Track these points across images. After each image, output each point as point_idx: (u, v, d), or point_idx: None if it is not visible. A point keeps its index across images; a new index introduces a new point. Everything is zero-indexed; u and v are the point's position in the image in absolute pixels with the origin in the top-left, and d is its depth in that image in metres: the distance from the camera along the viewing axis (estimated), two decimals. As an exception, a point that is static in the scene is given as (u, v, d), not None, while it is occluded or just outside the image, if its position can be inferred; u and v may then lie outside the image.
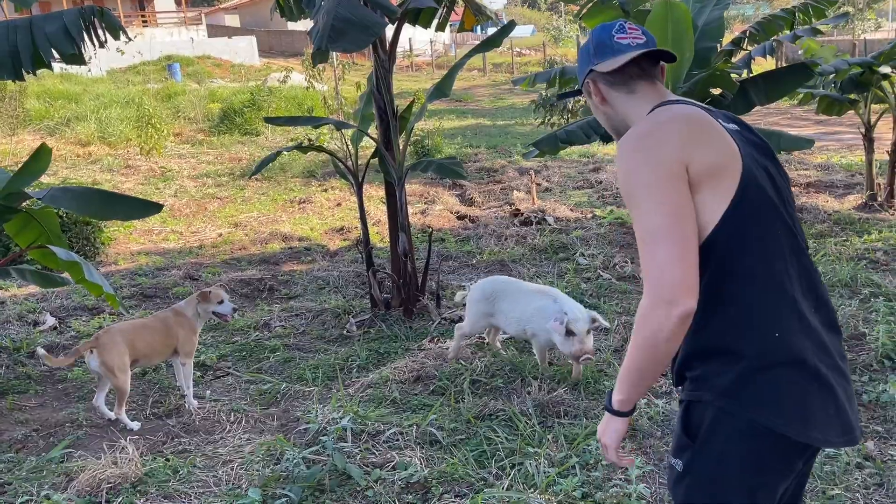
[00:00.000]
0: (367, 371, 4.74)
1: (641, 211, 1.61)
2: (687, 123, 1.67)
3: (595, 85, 1.86)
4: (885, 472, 3.27)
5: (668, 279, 1.54)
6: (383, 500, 3.24)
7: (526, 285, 4.61)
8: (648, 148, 1.64)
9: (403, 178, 5.49)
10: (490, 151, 14.26)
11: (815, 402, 1.61)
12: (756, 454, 1.63)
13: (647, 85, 1.82)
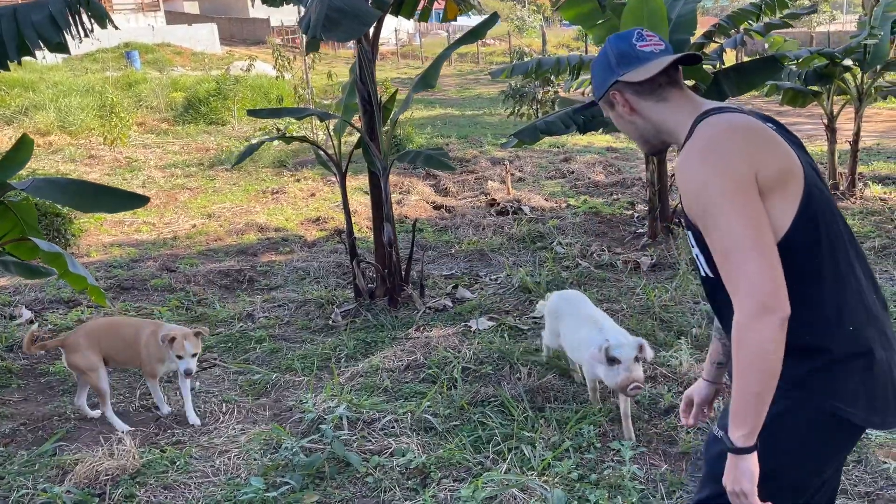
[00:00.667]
0: (355, 360, 4.77)
1: (721, 223, 1.60)
2: (749, 132, 1.68)
3: (622, 95, 1.86)
4: (863, 450, 3.42)
5: (765, 289, 1.54)
6: (383, 485, 3.29)
7: (583, 309, 4.07)
8: (718, 158, 1.64)
9: (388, 169, 5.51)
10: (461, 142, 14.31)
11: (878, 389, 1.68)
12: (820, 441, 1.70)
13: (676, 92, 1.84)
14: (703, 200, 1.63)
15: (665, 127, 1.85)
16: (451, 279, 6.42)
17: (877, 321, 1.72)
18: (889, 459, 3.32)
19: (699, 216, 1.67)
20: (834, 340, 1.66)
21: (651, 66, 1.80)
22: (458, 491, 3.19)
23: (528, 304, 5.62)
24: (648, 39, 1.85)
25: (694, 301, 5.38)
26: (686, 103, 1.83)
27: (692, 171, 1.67)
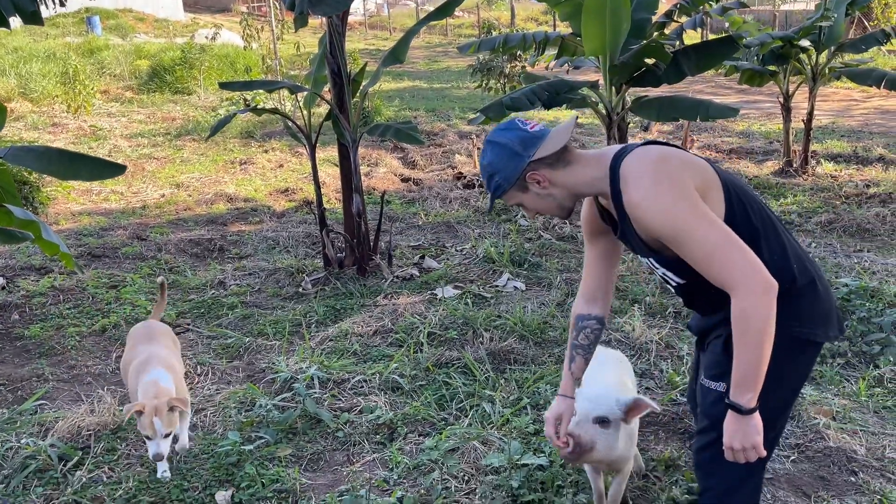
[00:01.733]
0: (325, 326, 4.95)
1: (695, 235, 1.84)
2: (671, 157, 1.96)
3: (538, 173, 2.02)
4: (797, 406, 3.72)
5: (756, 275, 1.81)
6: (353, 440, 3.51)
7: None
8: (668, 184, 1.88)
9: (358, 141, 5.66)
10: (429, 115, 14.42)
11: (826, 309, 2.05)
12: (796, 363, 2.02)
13: (571, 153, 2.04)
14: (672, 223, 1.86)
15: (580, 188, 2.05)
16: (419, 249, 6.61)
17: (808, 258, 2.07)
18: (819, 415, 3.63)
19: (671, 238, 1.89)
20: (787, 278, 1.96)
21: (553, 139, 2.01)
22: (423, 444, 3.42)
23: (492, 274, 5.84)
24: (529, 122, 2.07)
25: (648, 271, 5.65)
26: (589, 160, 2.05)
27: (653, 206, 1.88)
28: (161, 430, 2.93)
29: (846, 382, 3.97)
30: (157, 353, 3.35)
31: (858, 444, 3.34)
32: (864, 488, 3.05)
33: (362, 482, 3.12)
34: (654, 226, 1.89)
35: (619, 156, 1.99)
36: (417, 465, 3.25)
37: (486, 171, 2.08)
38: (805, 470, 3.21)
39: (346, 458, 3.38)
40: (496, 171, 2.05)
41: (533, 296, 5.34)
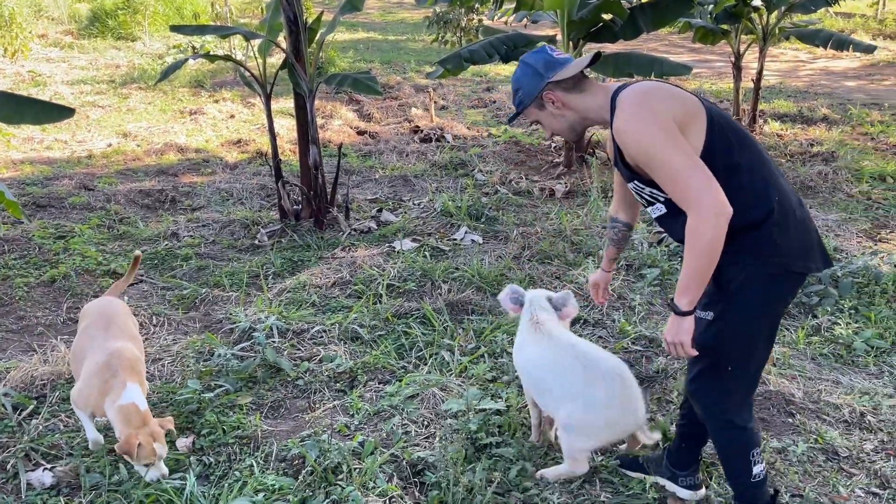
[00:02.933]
0: (282, 278, 4.94)
1: (663, 158, 2.04)
2: (656, 90, 2.16)
3: (553, 94, 2.27)
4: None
5: (710, 197, 1.99)
6: (313, 387, 3.55)
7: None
8: (645, 114, 2.09)
9: (314, 91, 5.57)
10: (384, 67, 14.21)
11: (807, 241, 2.19)
12: (778, 291, 2.20)
13: (588, 83, 2.29)
14: (645, 148, 2.08)
15: (589, 113, 2.28)
16: (376, 203, 6.60)
17: (790, 190, 2.22)
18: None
19: (644, 161, 2.10)
20: (765, 208, 2.13)
21: (573, 66, 2.26)
22: (383, 391, 3.48)
23: (449, 228, 5.88)
24: (556, 50, 2.32)
25: (602, 225, 5.77)
26: (599, 89, 2.28)
27: (632, 131, 2.10)
28: (163, 453, 2.74)
29: (786, 331, 4.16)
30: (119, 354, 2.91)
31: (796, 389, 3.53)
32: (801, 429, 3.23)
33: (324, 428, 3.17)
34: (632, 149, 2.12)
35: (619, 88, 2.21)
36: (378, 412, 3.31)
37: (513, 88, 2.35)
38: (747, 412, 3.38)
39: (307, 405, 3.42)
40: (520, 87, 2.32)
41: (490, 249, 5.41)
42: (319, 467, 2.79)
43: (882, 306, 4.32)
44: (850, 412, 3.31)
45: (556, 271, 4.94)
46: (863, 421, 3.27)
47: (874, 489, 2.84)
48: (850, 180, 6.96)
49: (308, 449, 2.90)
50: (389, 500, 2.66)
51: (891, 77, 14.08)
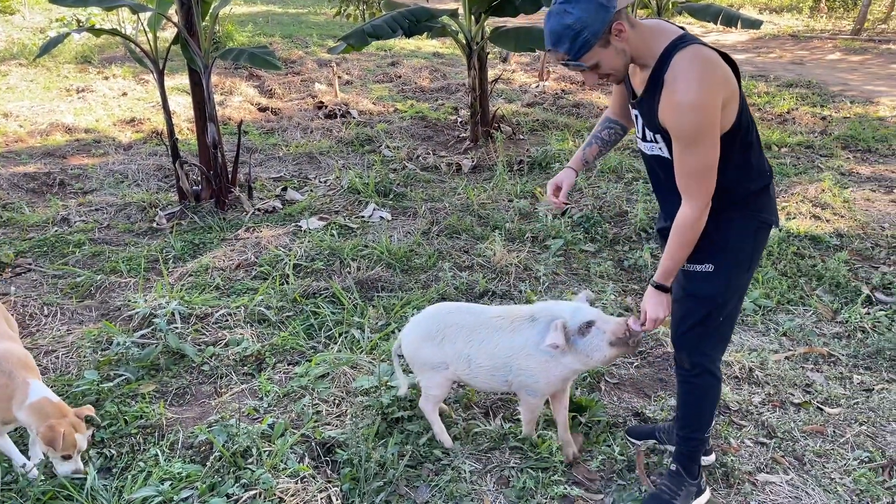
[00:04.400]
0: (184, 261, 4.78)
1: (700, 150, 2.10)
2: (717, 67, 2.09)
3: (622, 24, 2.06)
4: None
5: (708, 199, 2.18)
6: (220, 372, 3.47)
7: (482, 313, 2.82)
8: (708, 95, 2.04)
9: (210, 67, 5.36)
10: (285, 41, 13.84)
11: (774, 202, 2.41)
12: (762, 241, 2.39)
13: (630, 16, 2.13)
14: (692, 132, 2.08)
15: (638, 52, 2.14)
16: (280, 181, 6.46)
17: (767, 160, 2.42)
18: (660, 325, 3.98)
19: (682, 139, 2.11)
20: (762, 181, 2.33)
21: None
22: (292, 372, 3.44)
23: (357, 205, 5.83)
24: None
25: (508, 199, 5.86)
26: (644, 27, 2.14)
27: (689, 112, 2.05)
28: (83, 446, 2.60)
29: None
30: (6, 356, 2.68)
31: (692, 349, 3.71)
32: (696, 386, 3.41)
33: (231, 412, 3.11)
34: (678, 124, 2.10)
35: (674, 46, 2.10)
36: (288, 393, 3.27)
37: (573, 30, 2.05)
38: (647, 374, 3.54)
39: (214, 390, 3.34)
40: (585, 27, 2.04)
41: (399, 225, 5.40)
42: (228, 452, 2.74)
43: (768, 268, 4.59)
44: (740, 368, 3.52)
45: (465, 245, 4.99)
46: (751, 376, 3.48)
47: (762, 439, 3.04)
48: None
49: (215, 434, 2.84)
50: (301, 480, 2.65)
51: (776, 50, 14.87)
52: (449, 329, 2.78)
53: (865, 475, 2.80)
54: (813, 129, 8.15)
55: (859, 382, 3.48)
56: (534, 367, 2.65)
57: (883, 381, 3.49)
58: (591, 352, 2.56)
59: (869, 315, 4.08)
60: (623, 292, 4.39)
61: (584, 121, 8.61)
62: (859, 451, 2.95)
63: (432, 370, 2.83)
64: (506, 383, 2.75)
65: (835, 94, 10.14)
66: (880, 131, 7.91)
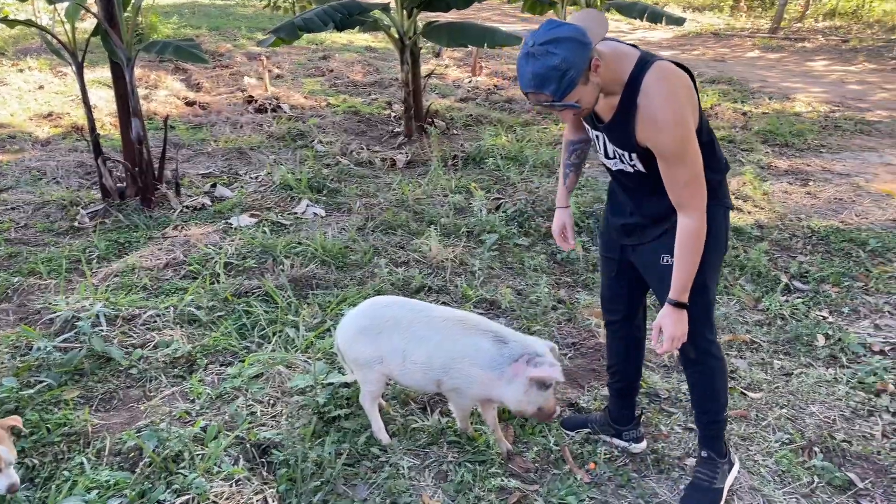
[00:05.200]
0: (108, 261, 4.61)
1: (687, 161, 2.18)
2: (686, 82, 2.20)
3: (598, 59, 2.08)
4: (573, 310, 4.14)
5: (704, 206, 2.25)
6: (148, 375, 3.36)
7: (430, 311, 2.83)
8: (681, 111, 2.14)
9: (133, 59, 5.18)
10: (213, 34, 13.49)
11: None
12: (728, 224, 2.51)
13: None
14: (676, 148, 2.17)
15: (608, 81, 2.17)
16: (209, 177, 6.30)
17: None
18: (592, 317, 4.07)
19: (666, 156, 2.19)
20: (725, 166, 2.47)
21: (597, 25, 2.15)
22: (225, 373, 3.37)
23: (290, 201, 5.74)
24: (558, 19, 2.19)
25: (443, 194, 5.87)
26: (610, 55, 2.16)
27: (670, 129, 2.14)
28: (10, 458, 2.44)
29: (614, 287, 4.47)
30: None
31: (623, 339, 3.80)
32: (627, 375, 3.50)
33: (162, 416, 3.02)
34: (662, 143, 2.17)
35: (639, 69, 2.16)
36: (220, 395, 3.20)
37: (559, 71, 2.03)
38: (580, 364, 3.61)
39: (143, 394, 3.23)
40: (570, 66, 2.03)
41: (333, 221, 5.35)
42: (158, 457, 2.66)
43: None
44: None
45: (400, 241, 4.98)
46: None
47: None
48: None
49: (145, 439, 2.75)
50: (236, 482, 2.60)
51: (699, 47, 15.37)
52: (386, 323, 2.76)
53: (786, 456, 2.93)
54: (734, 125, 8.46)
55: (780, 367, 3.64)
56: (476, 376, 2.66)
57: (801, 365, 3.66)
58: (529, 399, 2.62)
59: (788, 302, 4.27)
60: (556, 285, 4.46)
61: (516, 116, 8.70)
62: (780, 434, 3.09)
63: (367, 365, 2.80)
64: (435, 383, 2.75)
65: (754, 91, 10.55)
66: (796, 126, 8.28)
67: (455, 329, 2.70)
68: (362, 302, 2.98)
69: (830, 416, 3.22)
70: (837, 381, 3.48)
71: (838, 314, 4.16)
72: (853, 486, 2.79)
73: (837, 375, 3.53)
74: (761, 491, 2.76)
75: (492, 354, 2.64)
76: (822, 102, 9.77)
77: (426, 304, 2.87)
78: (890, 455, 2.95)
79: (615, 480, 2.78)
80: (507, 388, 2.62)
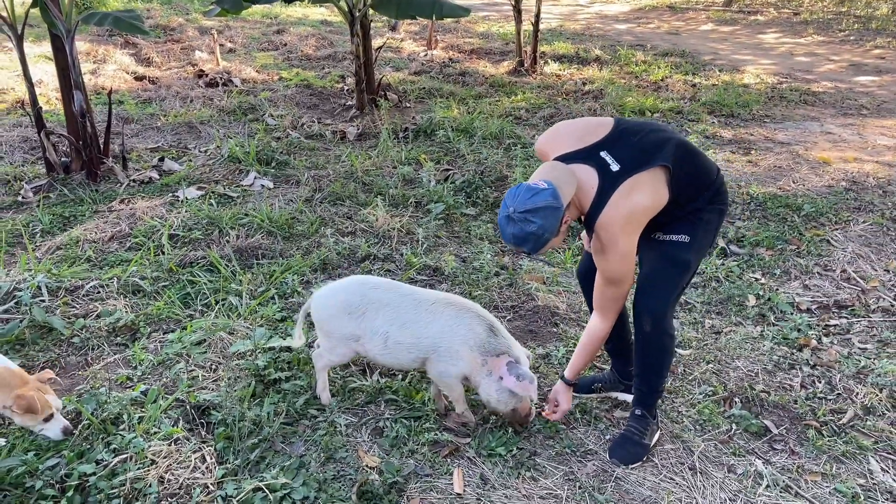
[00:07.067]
0: (52, 235, 4.59)
1: (622, 284, 2.57)
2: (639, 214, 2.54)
3: (567, 215, 2.45)
4: (514, 276, 4.25)
5: (616, 314, 2.73)
6: (91, 344, 3.39)
7: (409, 293, 2.89)
8: (627, 244, 2.50)
9: (73, 31, 5.11)
10: (164, 8, 13.24)
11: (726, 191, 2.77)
12: (717, 226, 2.72)
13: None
14: (619, 270, 2.54)
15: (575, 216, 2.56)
16: (158, 151, 6.26)
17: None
18: (532, 281, 4.18)
19: (608, 271, 2.55)
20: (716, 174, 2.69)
21: (566, 185, 2.43)
22: (167, 340, 3.41)
23: (238, 174, 5.74)
24: (532, 183, 2.45)
25: (392, 166, 5.92)
26: (578, 193, 2.50)
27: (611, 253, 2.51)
28: (59, 404, 2.59)
29: (557, 254, 4.59)
30: None
31: (561, 302, 3.93)
32: (563, 336, 3.63)
33: (102, 381, 3.06)
34: (603, 266, 2.54)
35: (597, 204, 2.47)
36: (162, 361, 3.25)
37: (535, 236, 2.37)
38: (518, 326, 3.73)
39: (84, 361, 3.26)
40: (545, 231, 2.37)
41: (281, 193, 5.37)
42: (97, 419, 2.71)
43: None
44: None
45: (348, 212, 5.03)
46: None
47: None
48: (614, 114, 7.67)
49: (84, 403, 2.79)
50: (174, 442, 2.66)
51: (655, 20, 15.52)
52: (371, 304, 2.81)
53: (708, 406, 3.08)
54: (683, 96, 8.62)
55: (710, 326, 3.79)
56: (464, 355, 2.75)
57: (731, 324, 3.82)
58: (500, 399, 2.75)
59: (723, 266, 4.43)
60: (501, 253, 4.56)
61: (469, 89, 8.75)
62: (705, 387, 3.24)
63: (341, 340, 2.85)
64: (419, 361, 2.82)
65: (705, 63, 10.73)
66: (743, 97, 8.47)
67: (448, 311, 2.79)
68: (347, 278, 3.02)
69: (753, 370, 3.39)
70: (763, 338, 3.65)
71: (770, 276, 4.34)
72: (769, 432, 2.96)
73: (764, 332, 3.70)
74: (681, 437, 2.91)
75: (483, 339, 2.75)
76: (771, 74, 9.99)
77: (412, 288, 2.92)
78: (805, 404, 3.12)
79: (544, 432, 2.90)
80: (484, 379, 2.76)
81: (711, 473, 2.72)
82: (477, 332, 2.76)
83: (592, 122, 2.67)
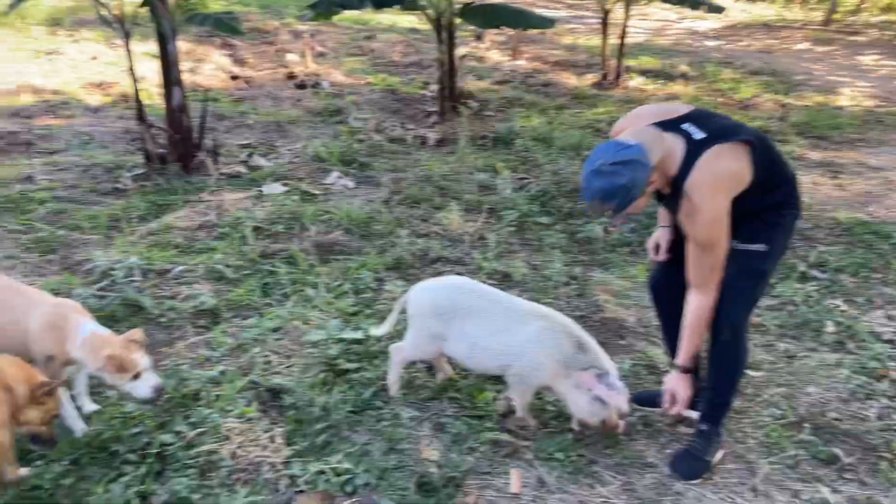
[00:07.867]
0: (147, 221, 4.87)
1: (716, 250, 2.52)
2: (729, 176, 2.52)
3: (654, 176, 2.44)
4: (584, 286, 4.25)
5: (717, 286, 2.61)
6: (176, 324, 3.60)
7: (511, 302, 2.98)
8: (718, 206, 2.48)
9: (177, 31, 5.42)
10: (262, 11, 13.79)
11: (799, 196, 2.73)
12: (791, 230, 2.70)
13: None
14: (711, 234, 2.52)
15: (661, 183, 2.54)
16: (247, 148, 6.54)
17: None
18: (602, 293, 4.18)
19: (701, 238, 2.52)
20: (791, 181, 2.66)
21: (654, 147, 2.42)
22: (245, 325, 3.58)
23: (321, 173, 5.94)
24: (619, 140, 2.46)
25: (469, 172, 6.00)
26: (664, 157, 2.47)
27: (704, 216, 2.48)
28: (148, 363, 2.69)
29: (629, 267, 4.56)
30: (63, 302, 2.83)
31: (630, 315, 3.92)
32: (630, 349, 3.62)
33: (184, 360, 3.25)
34: (695, 233, 2.50)
35: (686, 165, 2.44)
36: (240, 345, 3.42)
37: (625, 189, 2.35)
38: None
39: (169, 340, 3.47)
40: (635, 185, 2.36)
41: (361, 193, 5.54)
42: (178, 394, 2.89)
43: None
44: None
45: (424, 214, 5.15)
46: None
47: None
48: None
49: (167, 378, 2.98)
50: (248, 420, 2.80)
51: (746, 38, 15.12)
52: (461, 310, 2.88)
53: (776, 430, 3.02)
54: (772, 116, 8.39)
55: (784, 350, 3.70)
56: (546, 366, 2.81)
57: (806, 349, 3.72)
58: (592, 411, 2.80)
59: (802, 290, 4.30)
60: (572, 263, 4.56)
61: (552, 99, 8.77)
62: (773, 409, 3.17)
63: (429, 337, 2.95)
64: (501, 368, 2.87)
65: (798, 83, 10.39)
66: (836, 119, 8.17)
67: (538, 323, 2.84)
68: (446, 277, 3.21)
69: (826, 398, 3.29)
70: (840, 366, 3.54)
71: (852, 303, 4.19)
72: (838, 460, 2.87)
73: (841, 360, 3.58)
74: (745, 457, 2.86)
75: (569, 355, 2.80)
76: (868, 97, 9.60)
77: (507, 295, 3.00)
78: (880, 435, 3.02)
79: (604, 441, 2.91)
80: (572, 392, 2.81)
81: (774, 497, 2.67)
82: (564, 348, 2.79)
83: (672, 105, 2.71)
